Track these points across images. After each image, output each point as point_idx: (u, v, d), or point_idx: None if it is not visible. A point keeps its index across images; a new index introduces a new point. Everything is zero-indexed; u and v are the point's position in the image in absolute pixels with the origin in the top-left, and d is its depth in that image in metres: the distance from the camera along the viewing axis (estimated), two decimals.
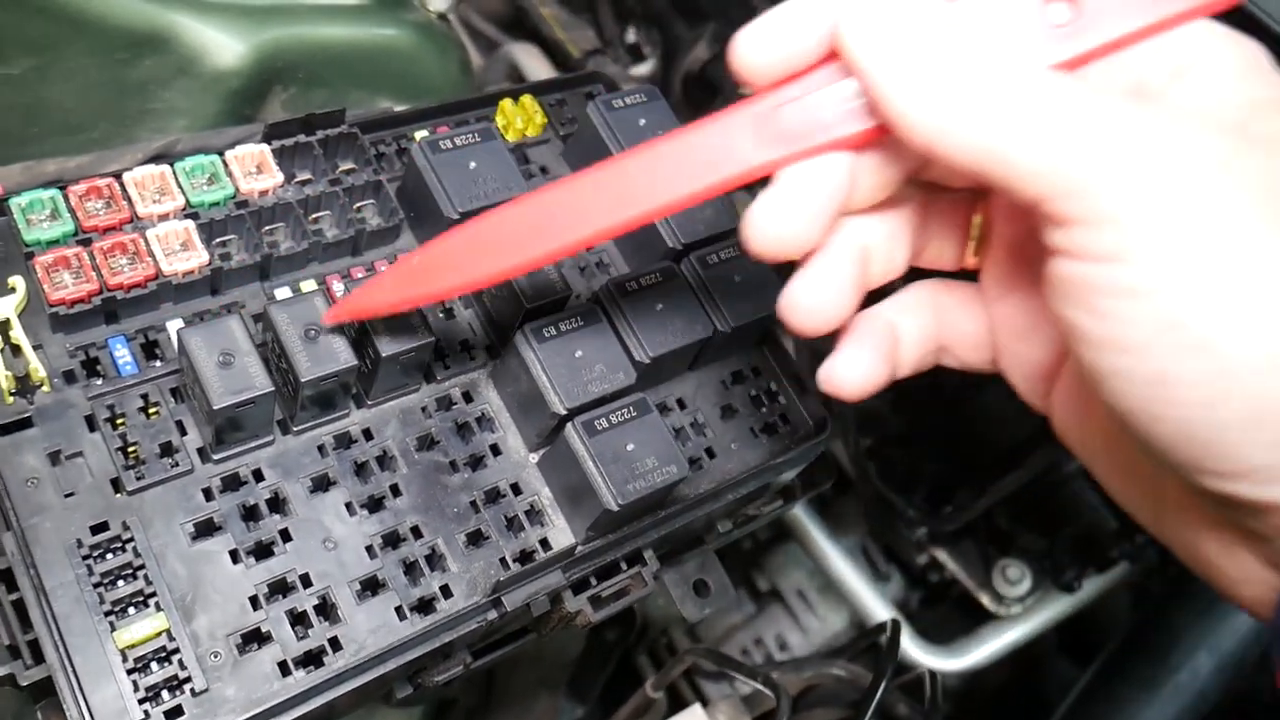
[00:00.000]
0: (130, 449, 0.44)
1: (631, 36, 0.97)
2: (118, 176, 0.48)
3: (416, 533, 0.47)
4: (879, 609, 0.83)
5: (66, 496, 0.43)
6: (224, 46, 0.61)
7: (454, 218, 0.50)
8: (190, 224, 0.48)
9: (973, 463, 0.77)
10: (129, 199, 0.47)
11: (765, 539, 1.00)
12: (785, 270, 0.80)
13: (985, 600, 0.82)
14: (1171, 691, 0.77)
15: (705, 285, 0.53)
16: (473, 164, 0.51)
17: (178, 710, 0.41)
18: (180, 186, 0.48)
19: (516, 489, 0.50)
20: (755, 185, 0.91)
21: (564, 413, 0.48)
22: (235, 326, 0.43)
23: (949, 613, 1.00)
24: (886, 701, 0.67)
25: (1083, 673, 0.81)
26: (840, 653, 0.88)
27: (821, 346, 0.87)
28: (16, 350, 0.44)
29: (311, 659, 0.44)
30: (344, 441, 0.48)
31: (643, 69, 0.96)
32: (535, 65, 0.98)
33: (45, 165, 0.51)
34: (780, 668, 0.72)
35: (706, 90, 0.89)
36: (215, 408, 0.42)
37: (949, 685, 1.08)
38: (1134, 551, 0.76)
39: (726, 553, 1.02)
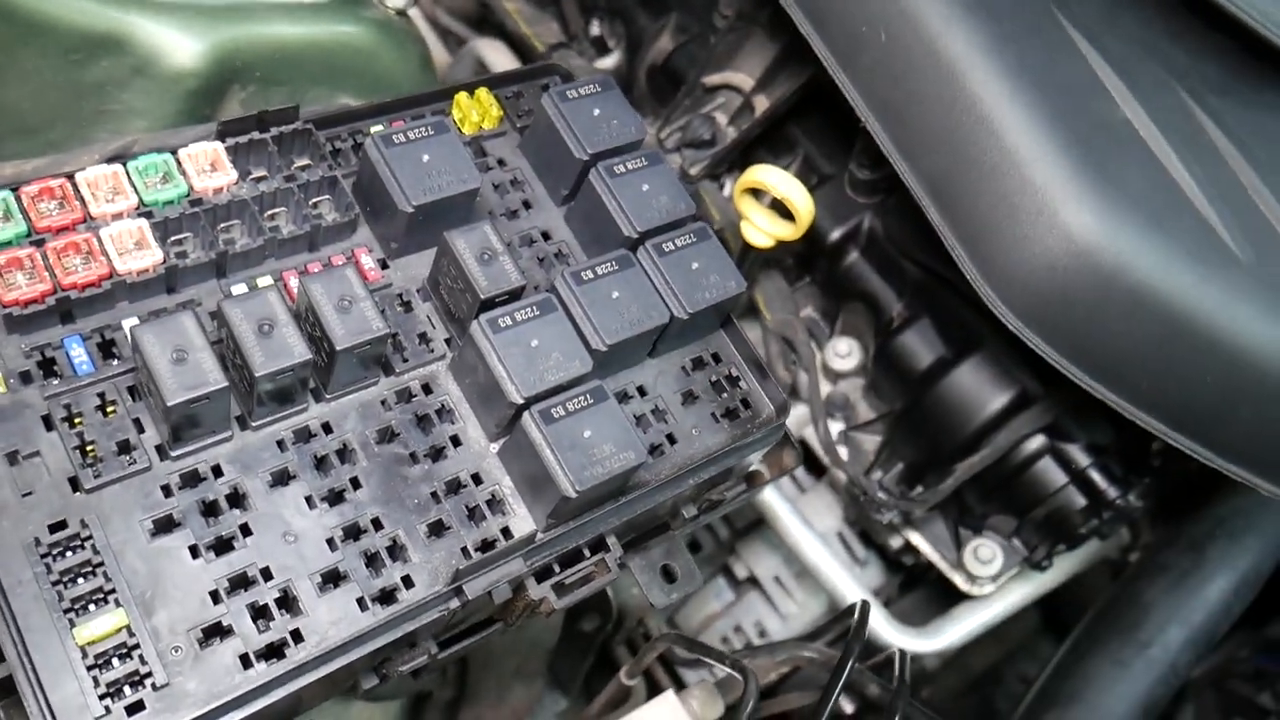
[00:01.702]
0: (88, 448, 0.45)
1: (596, 29, 0.97)
2: (70, 177, 0.48)
3: (377, 524, 0.47)
4: (852, 592, 0.84)
5: (24, 496, 0.43)
6: (181, 46, 0.61)
7: (408, 210, 0.51)
8: (144, 223, 0.48)
9: (941, 445, 0.78)
10: (82, 199, 0.48)
11: (742, 527, 1.01)
12: (743, 256, 0.80)
13: (958, 580, 0.83)
14: (1144, 666, 0.78)
15: (662, 272, 0.53)
16: (426, 157, 0.52)
17: (139, 705, 0.41)
18: (134, 186, 0.49)
19: (477, 479, 0.50)
20: (720, 171, 0.90)
21: (521, 402, 0.48)
22: (189, 323, 0.44)
23: (926, 597, 1.01)
24: (858, 682, 0.67)
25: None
26: (815, 637, 0.89)
27: (789, 335, 0.87)
28: None
29: (273, 651, 0.44)
30: (303, 436, 0.48)
31: (608, 61, 0.96)
32: (501, 60, 0.98)
33: (2, 168, 0.51)
34: (755, 653, 0.72)
35: (670, 80, 0.89)
36: (169, 404, 0.42)
37: (929, 668, 1.09)
38: (1102, 528, 0.77)
39: (704, 541, 1.03)
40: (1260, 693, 1.02)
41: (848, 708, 0.82)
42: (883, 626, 0.84)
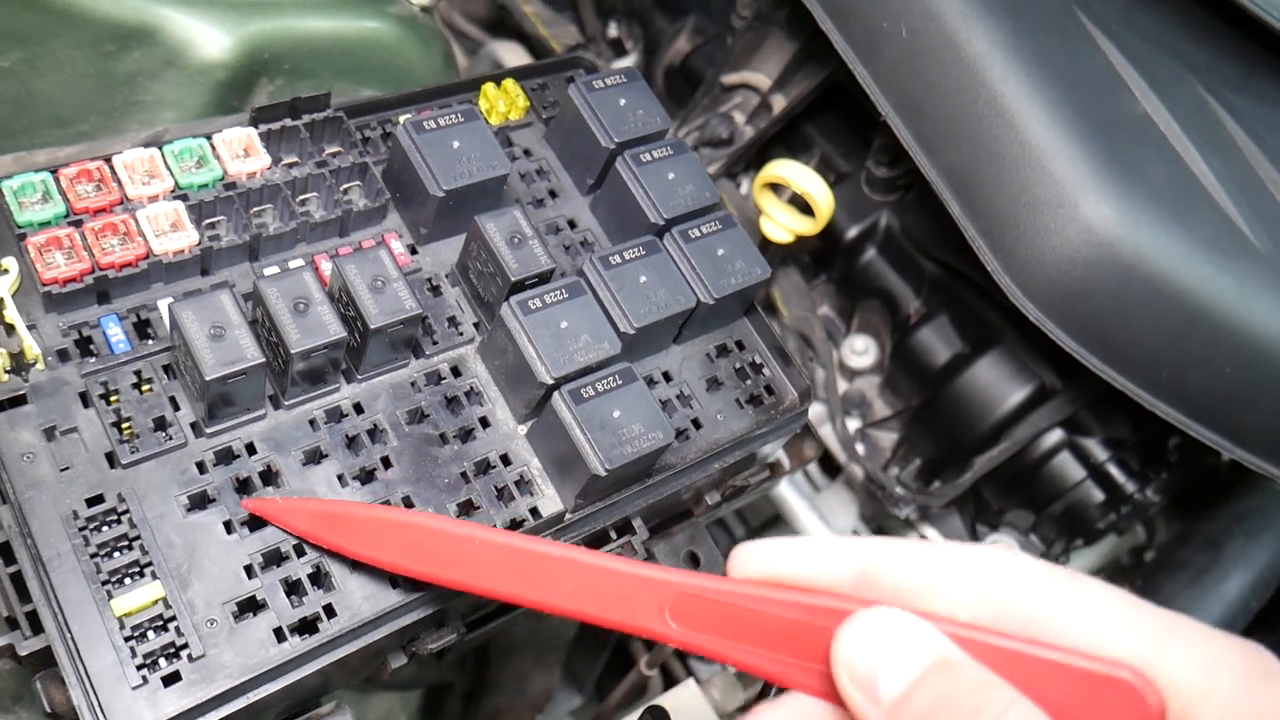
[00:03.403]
0: (124, 424, 0.45)
1: (613, 31, 0.99)
2: (108, 160, 0.49)
3: (408, 503, 0.48)
4: None
5: (62, 470, 0.44)
6: (211, 39, 0.62)
7: (439, 195, 0.51)
8: (180, 205, 0.49)
9: (959, 439, 0.78)
10: (119, 181, 0.48)
11: (759, 525, 1.01)
12: (760, 252, 0.81)
13: None
14: None
15: (688, 258, 0.54)
16: (456, 143, 0.52)
17: (175, 676, 0.41)
18: (169, 169, 0.49)
19: (506, 460, 0.50)
20: (737, 170, 0.91)
21: (551, 382, 0.48)
22: (226, 300, 0.44)
23: None
24: None
25: None
26: None
27: (807, 332, 0.87)
28: (10, 329, 0.45)
29: (306, 626, 0.44)
30: (335, 415, 0.49)
31: (625, 63, 0.97)
32: (519, 62, 0.99)
33: (36, 156, 0.52)
34: None
35: (688, 81, 0.90)
36: (207, 379, 0.43)
37: None
38: (1119, 522, 0.77)
39: (720, 540, 1.03)
40: None
41: None
42: None
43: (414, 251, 0.54)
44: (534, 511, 0.50)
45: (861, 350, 0.87)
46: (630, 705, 0.72)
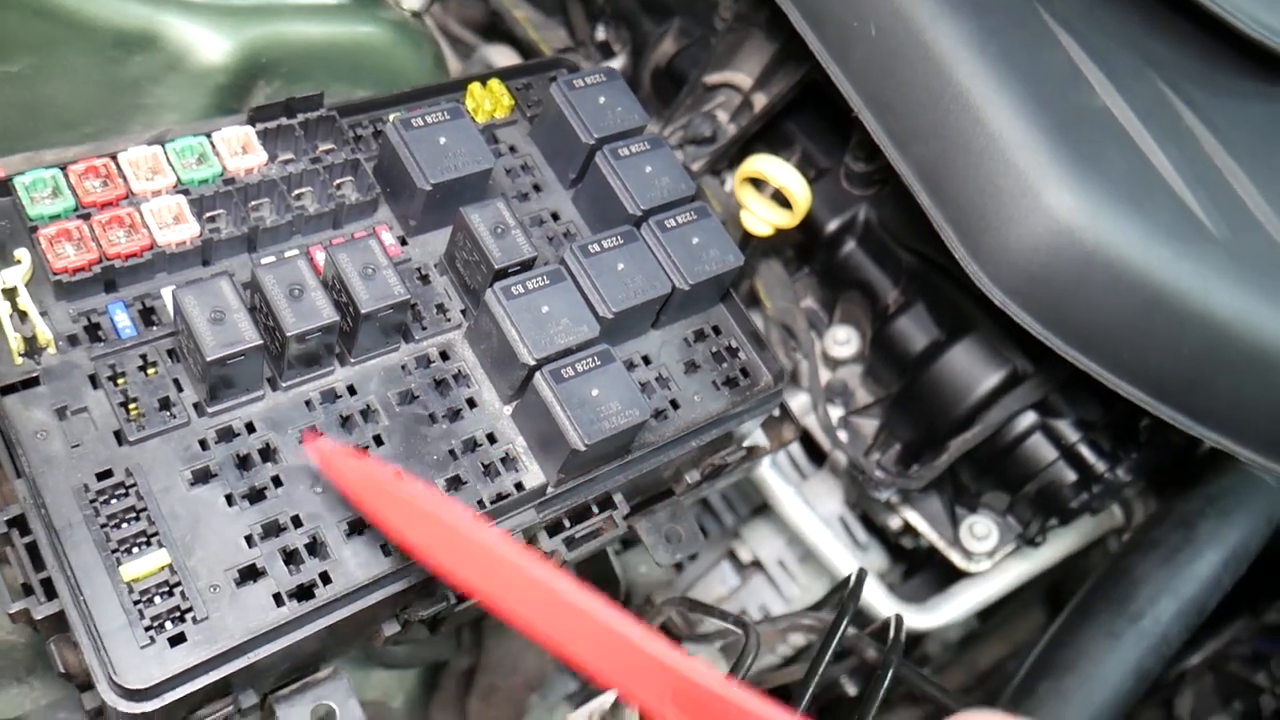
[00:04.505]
0: (131, 404, 0.48)
1: (601, 34, 1.01)
2: (113, 157, 0.52)
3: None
4: (851, 565, 0.87)
5: (73, 447, 0.46)
6: (210, 44, 0.65)
7: (426, 189, 0.54)
8: (181, 199, 0.52)
9: (936, 423, 0.81)
10: (124, 177, 0.51)
11: (746, 513, 1.04)
12: (743, 246, 0.83)
13: (955, 557, 0.85)
14: (1135, 636, 0.80)
15: (664, 246, 0.57)
16: (443, 140, 0.55)
17: (180, 637, 0.44)
18: (171, 165, 0.52)
19: (492, 438, 0.53)
20: (721, 167, 0.93)
21: (532, 363, 0.51)
22: (226, 287, 0.47)
23: (927, 581, 1.04)
24: (856, 646, 0.70)
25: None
26: (817, 608, 0.92)
27: (790, 324, 0.90)
28: (24, 316, 0.48)
29: (304, 592, 0.47)
30: (329, 396, 0.52)
31: (614, 65, 1.00)
32: (510, 64, 1.02)
33: (44, 155, 0.55)
34: (757, 624, 0.75)
35: (673, 81, 0.93)
36: (209, 359, 0.46)
37: (933, 656, 1.11)
38: (1092, 502, 0.79)
39: (709, 528, 1.06)
40: (1256, 673, 1.05)
41: (851, 690, 0.84)
42: (881, 602, 0.86)
43: (404, 243, 0.57)
44: (518, 485, 0.52)
45: (844, 340, 0.89)
46: None
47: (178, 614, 0.45)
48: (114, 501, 0.46)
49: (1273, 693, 1.01)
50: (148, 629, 0.44)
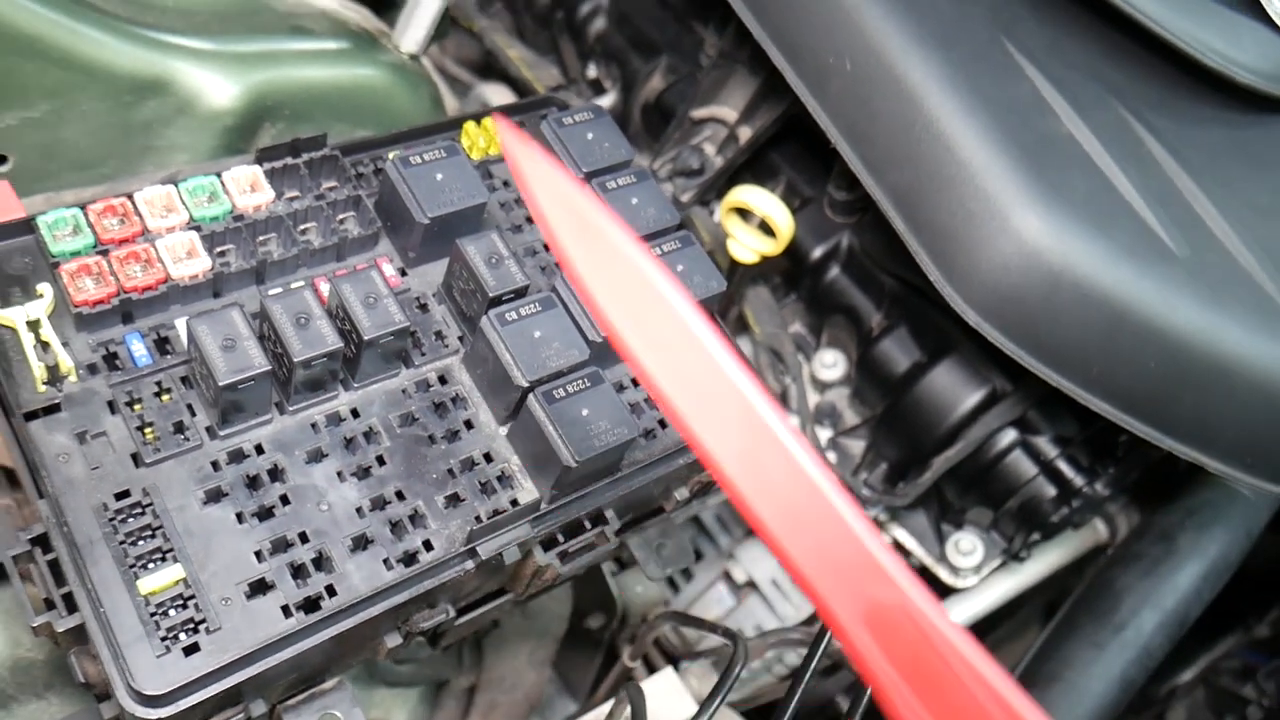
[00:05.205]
0: (147, 428, 0.51)
1: (592, 72, 1.05)
2: (130, 197, 0.55)
3: (400, 496, 0.53)
4: None
5: (93, 469, 0.49)
6: (219, 88, 0.69)
7: (424, 222, 0.58)
8: (194, 235, 0.55)
9: (920, 442, 0.83)
10: (140, 215, 0.55)
11: (740, 535, 1.06)
12: (730, 273, 0.86)
13: (942, 573, 0.88)
14: (1119, 647, 0.82)
15: None
16: (439, 176, 0.59)
17: (194, 647, 0.47)
18: (184, 203, 0.56)
19: (488, 458, 0.56)
20: (709, 197, 0.97)
21: (526, 385, 0.54)
22: (236, 316, 0.50)
23: None
24: (846, 661, 0.72)
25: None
26: (809, 624, 0.94)
27: (778, 348, 0.93)
28: (46, 346, 0.51)
29: (310, 604, 0.50)
30: (334, 420, 0.54)
31: (604, 101, 1.04)
32: (505, 103, 1.06)
33: (64, 196, 0.59)
34: (748, 640, 0.77)
35: (662, 116, 0.97)
36: (221, 384, 0.49)
37: None
38: (1073, 516, 0.82)
39: (703, 551, 1.08)
40: (1244, 685, 1.06)
41: (845, 706, 0.86)
42: None
43: (404, 274, 0.60)
44: (513, 502, 0.55)
45: (831, 363, 0.92)
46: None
47: (192, 625, 0.47)
48: (132, 520, 0.49)
49: (1259, 704, 1.03)
50: (163, 639, 0.46)
